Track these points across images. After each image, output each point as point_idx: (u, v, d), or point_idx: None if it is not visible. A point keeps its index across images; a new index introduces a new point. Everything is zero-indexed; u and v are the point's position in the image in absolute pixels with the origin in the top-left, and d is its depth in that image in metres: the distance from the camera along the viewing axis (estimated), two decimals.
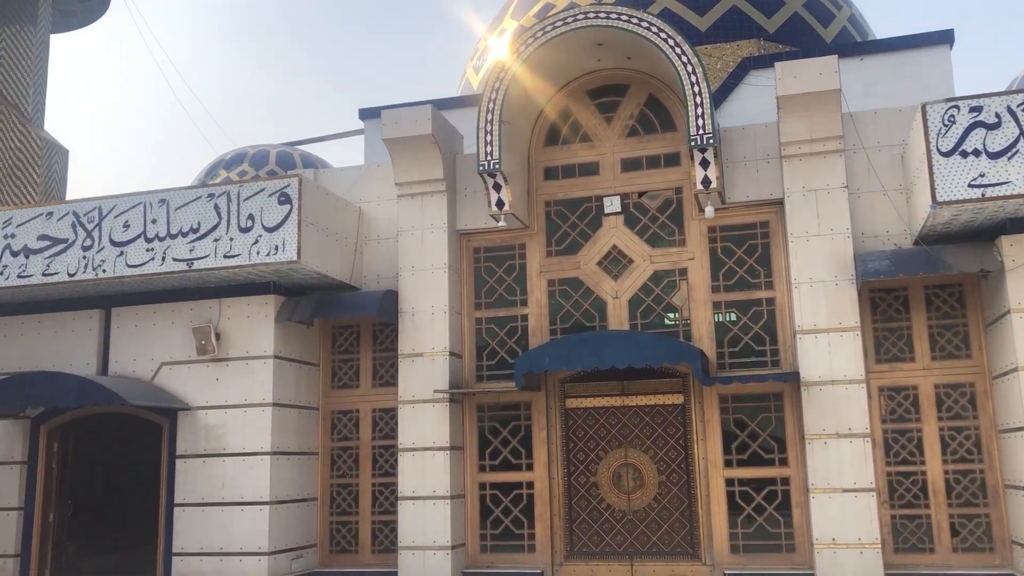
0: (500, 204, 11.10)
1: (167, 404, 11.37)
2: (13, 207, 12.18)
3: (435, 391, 11.26)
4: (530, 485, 11.44)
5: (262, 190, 10.95)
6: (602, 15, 10.75)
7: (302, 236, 10.74)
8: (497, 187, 11.05)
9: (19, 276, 11.53)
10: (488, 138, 10.91)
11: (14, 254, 11.60)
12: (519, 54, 11.07)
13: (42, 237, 11.56)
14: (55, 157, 18.93)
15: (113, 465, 13.94)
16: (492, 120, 10.94)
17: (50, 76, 26.64)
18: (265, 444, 11.15)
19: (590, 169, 11.93)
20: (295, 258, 10.66)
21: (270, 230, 10.79)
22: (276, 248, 10.73)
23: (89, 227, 11.41)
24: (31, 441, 12.10)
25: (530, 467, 11.48)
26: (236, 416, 11.30)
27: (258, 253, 10.78)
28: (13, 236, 11.65)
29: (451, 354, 11.44)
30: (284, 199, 10.83)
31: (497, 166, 10.88)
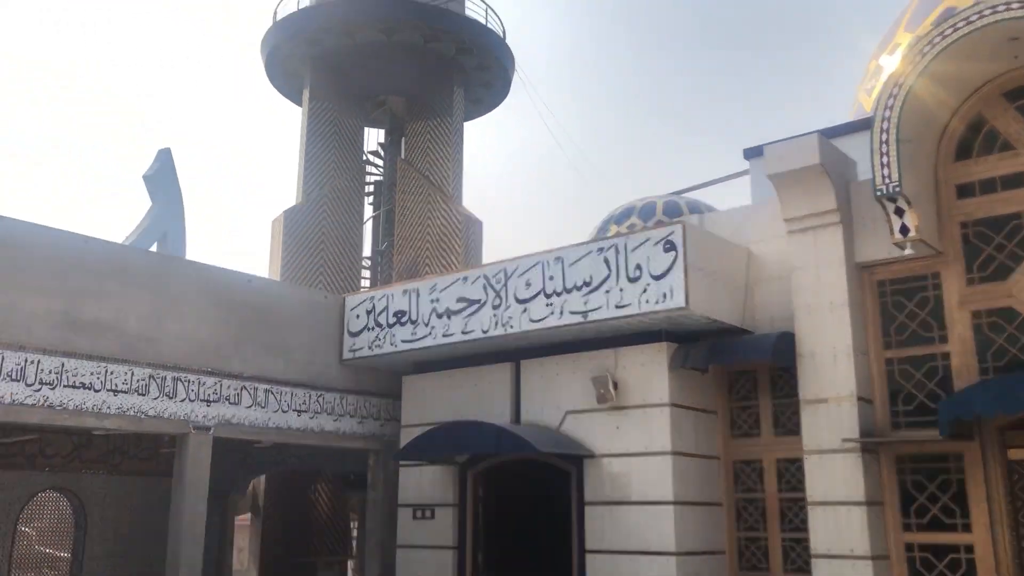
0: (904, 230, 10.04)
1: (573, 452, 11.85)
2: (437, 275, 13.75)
3: (844, 440, 10.35)
4: (969, 549, 9.95)
5: (647, 240, 11.10)
6: (1015, 4, 9.34)
7: (689, 281, 10.64)
8: (899, 212, 10.01)
9: (443, 336, 12.94)
10: (884, 160, 9.96)
11: (439, 316, 13.04)
12: (915, 64, 10.03)
13: (460, 299, 12.85)
14: (472, 229, 21.19)
15: (527, 509, 14.86)
16: (888, 140, 9.99)
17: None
18: (667, 493, 11.07)
19: (1016, 181, 10.34)
20: (683, 304, 10.59)
21: (657, 278, 10.86)
22: (664, 295, 10.75)
23: (497, 287, 12.44)
24: (459, 485, 13.35)
25: (967, 527, 10.00)
26: (637, 464, 11.40)
27: (647, 301, 10.88)
28: (437, 300, 13.13)
29: (859, 399, 10.46)
30: (669, 246, 10.85)
31: (897, 189, 9.87)
